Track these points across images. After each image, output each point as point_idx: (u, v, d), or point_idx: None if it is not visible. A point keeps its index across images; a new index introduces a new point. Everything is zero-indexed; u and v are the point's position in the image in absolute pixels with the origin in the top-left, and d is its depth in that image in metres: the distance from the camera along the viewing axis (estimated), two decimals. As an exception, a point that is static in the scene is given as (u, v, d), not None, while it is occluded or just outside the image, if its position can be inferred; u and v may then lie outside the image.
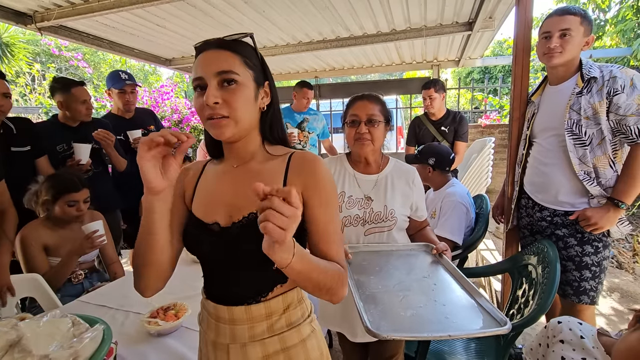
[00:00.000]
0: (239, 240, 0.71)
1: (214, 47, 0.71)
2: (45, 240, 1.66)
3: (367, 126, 1.25)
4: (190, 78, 0.72)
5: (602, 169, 1.42)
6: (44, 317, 0.90)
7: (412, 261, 1.23)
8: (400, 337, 0.82)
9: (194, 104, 0.72)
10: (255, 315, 0.74)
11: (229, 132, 0.70)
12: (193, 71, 0.72)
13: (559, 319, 1.00)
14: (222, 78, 0.69)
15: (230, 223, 0.73)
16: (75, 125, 2.14)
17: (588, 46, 1.48)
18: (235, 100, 0.69)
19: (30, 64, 7.63)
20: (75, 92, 2.05)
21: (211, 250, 0.75)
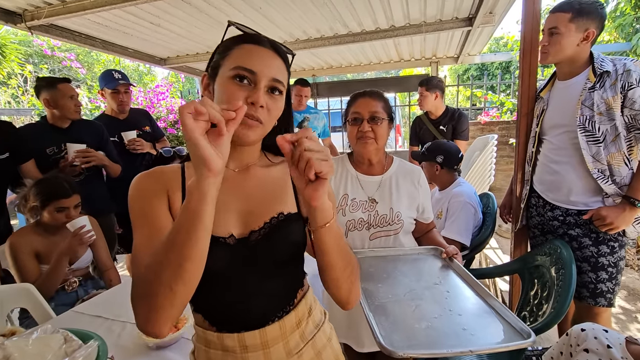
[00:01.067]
0: (265, 248, 0.67)
1: (271, 49, 0.68)
2: (36, 247, 1.59)
3: (370, 124, 1.19)
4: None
5: (617, 166, 1.37)
6: (33, 334, 0.84)
7: (421, 266, 1.17)
8: (418, 354, 0.76)
9: (226, 92, 0.63)
10: (288, 327, 0.70)
11: (255, 137, 0.66)
12: (239, 58, 0.64)
13: (581, 326, 0.95)
14: (273, 85, 0.66)
15: (247, 232, 0.67)
16: (65, 126, 2.06)
17: (588, 40, 1.42)
18: (275, 109, 0.67)
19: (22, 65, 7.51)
20: (62, 87, 1.97)
21: (227, 267, 0.65)
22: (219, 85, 0.65)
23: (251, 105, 0.63)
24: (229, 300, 0.68)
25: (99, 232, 1.82)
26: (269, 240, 0.67)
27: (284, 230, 0.69)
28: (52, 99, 1.96)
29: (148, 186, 0.65)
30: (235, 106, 0.52)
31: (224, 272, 0.66)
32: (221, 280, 0.67)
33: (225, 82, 0.64)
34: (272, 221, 0.68)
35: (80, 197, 1.67)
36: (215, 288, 0.67)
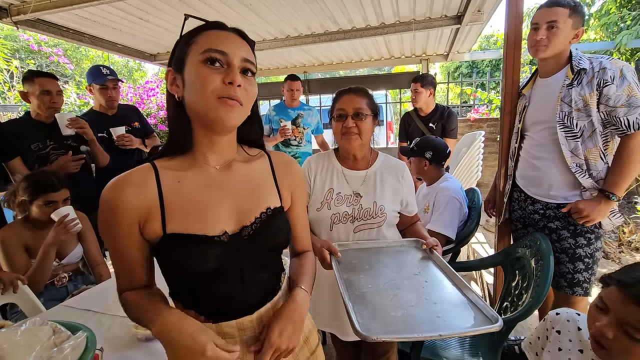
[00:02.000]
0: (257, 242, 0.71)
1: (235, 33, 0.68)
2: (26, 241, 1.59)
3: (354, 120, 1.22)
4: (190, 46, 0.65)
5: (593, 161, 1.43)
6: (22, 326, 0.85)
7: (403, 258, 1.20)
8: (390, 338, 0.80)
9: (200, 77, 0.62)
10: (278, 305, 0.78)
11: (237, 119, 0.66)
12: (208, 42, 0.64)
13: (557, 310, 1.00)
14: (246, 66, 0.66)
15: (238, 228, 0.70)
16: (49, 121, 2.04)
17: (577, 39, 1.47)
18: (252, 91, 0.68)
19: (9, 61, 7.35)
20: (38, 81, 1.94)
21: (223, 263, 0.67)
22: (190, 73, 0.64)
23: (229, 86, 0.62)
24: (226, 293, 0.70)
25: (89, 227, 1.82)
26: (261, 233, 0.72)
27: (273, 224, 0.74)
28: (27, 92, 1.95)
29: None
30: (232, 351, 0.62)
31: (220, 268, 0.68)
32: (218, 276, 0.68)
33: (197, 68, 0.63)
34: (262, 216, 0.73)
35: (69, 192, 1.67)
36: (213, 284, 0.69)
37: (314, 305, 1.38)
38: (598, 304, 0.84)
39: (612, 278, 0.83)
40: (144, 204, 0.65)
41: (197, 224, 0.66)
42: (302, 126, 3.19)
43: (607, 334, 0.78)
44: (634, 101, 1.32)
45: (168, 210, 0.66)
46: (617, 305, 0.79)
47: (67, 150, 2.07)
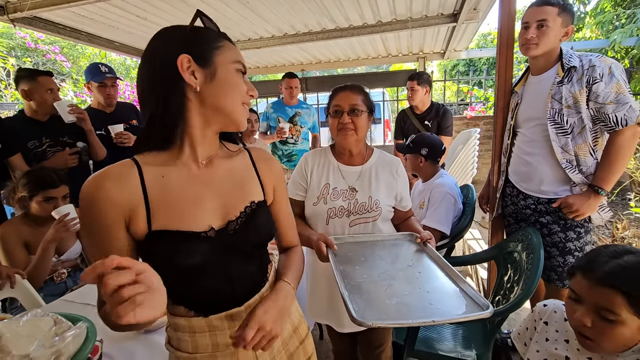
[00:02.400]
0: (243, 236, 0.73)
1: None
2: (25, 237, 1.61)
3: (350, 116, 1.25)
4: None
5: (583, 157, 1.46)
6: (24, 317, 0.87)
7: (397, 250, 1.23)
8: (385, 324, 0.82)
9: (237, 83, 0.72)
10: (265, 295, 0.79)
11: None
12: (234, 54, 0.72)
13: (545, 302, 1.02)
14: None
15: (224, 223, 0.72)
16: (45, 119, 2.05)
17: (567, 37, 1.50)
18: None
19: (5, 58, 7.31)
20: (42, 80, 1.97)
21: (209, 258, 0.68)
22: (225, 74, 0.69)
23: (249, 97, 0.74)
24: (214, 287, 0.71)
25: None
26: (246, 227, 0.74)
27: (257, 217, 0.77)
28: (30, 90, 1.96)
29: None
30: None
31: (207, 263, 0.68)
32: (205, 271, 0.69)
33: (233, 74, 0.71)
34: (247, 210, 0.75)
35: (68, 188, 1.69)
36: (201, 279, 0.70)
37: (310, 297, 1.41)
38: (571, 295, 0.86)
39: (575, 267, 0.86)
40: (127, 199, 0.63)
41: (183, 220, 0.66)
42: (300, 124, 3.21)
43: (585, 323, 0.80)
44: (622, 98, 1.35)
45: (153, 207, 0.65)
46: (586, 292, 0.81)
47: (64, 146, 2.09)
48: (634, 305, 0.74)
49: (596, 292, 0.79)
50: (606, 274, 0.78)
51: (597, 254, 0.84)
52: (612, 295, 0.76)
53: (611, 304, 0.76)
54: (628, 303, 0.74)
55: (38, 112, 2.02)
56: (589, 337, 0.81)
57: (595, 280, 0.79)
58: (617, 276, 0.76)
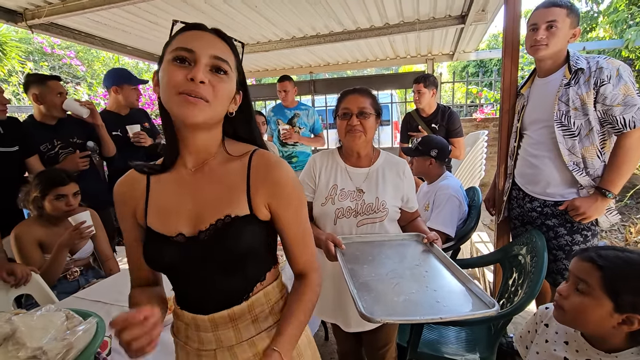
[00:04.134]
0: (211, 248, 0.69)
1: (213, 33, 0.68)
2: (40, 237, 1.67)
3: (359, 118, 1.27)
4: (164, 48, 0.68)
5: (590, 159, 1.44)
6: (37, 311, 0.91)
7: (404, 250, 1.25)
8: (394, 320, 0.84)
9: (166, 74, 0.64)
10: (238, 316, 0.73)
11: (201, 116, 0.64)
12: (175, 41, 0.65)
13: (547, 305, 1.02)
14: (216, 64, 0.65)
15: (196, 232, 0.70)
16: (53, 123, 2.12)
17: (575, 38, 1.49)
18: (222, 89, 0.66)
19: (23, 63, 7.56)
20: (51, 84, 2.04)
21: (180, 262, 0.71)
22: (161, 72, 0.65)
23: (190, 82, 0.62)
24: (189, 288, 0.74)
25: (100, 224, 1.90)
26: (217, 241, 0.69)
27: (232, 233, 0.69)
28: (40, 95, 2.02)
29: None
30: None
31: (180, 266, 0.72)
32: (179, 273, 0.74)
33: (165, 66, 0.64)
34: (218, 223, 0.69)
35: (78, 186, 1.74)
36: (174, 280, 0.76)
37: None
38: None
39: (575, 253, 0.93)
40: (135, 199, 0.75)
41: (161, 223, 0.72)
42: (298, 126, 3.24)
43: (561, 292, 0.88)
44: (630, 100, 1.34)
45: (149, 206, 0.74)
46: (572, 266, 0.89)
47: (75, 148, 2.16)
48: (607, 285, 0.79)
49: (578, 265, 0.86)
50: (593, 252, 0.85)
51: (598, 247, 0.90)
52: (589, 268, 0.83)
53: (586, 275, 0.83)
54: (602, 280, 0.80)
55: (48, 116, 2.09)
56: (561, 307, 0.87)
57: (582, 257, 0.86)
58: (600, 255, 0.83)
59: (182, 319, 0.76)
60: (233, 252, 0.69)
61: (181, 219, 0.71)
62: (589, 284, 0.81)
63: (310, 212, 1.38)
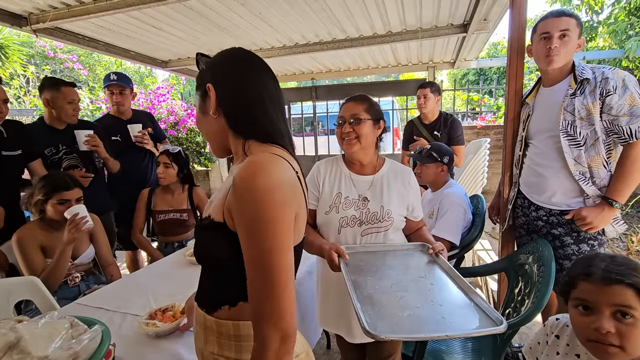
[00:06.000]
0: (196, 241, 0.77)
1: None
2: (41, 241, 1.65)
3: (351, 125, 1.27)
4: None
5: (597, 169, 1.44)
6: (42, 319, 0.90)
7: (409, 261, 1.23)
8: (398, 338, 0.83)
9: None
10: (208, 326, 0.73)
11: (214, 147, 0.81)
12: None
13: (557, 316, 1.01)
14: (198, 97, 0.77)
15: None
16: (62, 127, 2.12)
17: (580, 48, 1.51)
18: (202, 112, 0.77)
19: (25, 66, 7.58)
20: (64, 90, 2.04)
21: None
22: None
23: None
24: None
25: (101, 229, 1.88)
26: (198, 237, 0.76)
27: (202, 234, 0.73)
28: (52, 99, 2.03)
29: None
30: None
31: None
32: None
33: None
34: (203, 221, 0.73)
35: (82, 192, 1.73)
36: None
37: (321, 305, 1.41)
38: (577, 306, 0.82)
39: (572, 277, 0.84)
40: None
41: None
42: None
43: (609, 329, 0.75)
44: (636, 110, 1.34)
45: None
46: (597, 295, 0.78)
47: (80, 155, 2.16)
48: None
49: (607, 291, 0.76)
50: (606, 271, 0.77)
51: (589, 259, 0.83)
52: (623, 290, 0.75)
53: (626, 299, 0.74)
54: (637, 296, 0.74)
55: (57, 120, 2.09)
56: (614, 344, 0.76)
57: (601, 280, 0.77)
58: (619, 271, 0.76)
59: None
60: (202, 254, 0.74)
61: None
62: (633, 307, 0.74)
63: (314, 221, 1.37)
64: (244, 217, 0.60)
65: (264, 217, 0.58)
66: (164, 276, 1.69)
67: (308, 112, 5.63)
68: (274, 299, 0.58)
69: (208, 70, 0.74)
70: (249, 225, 0.59)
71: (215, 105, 0.70)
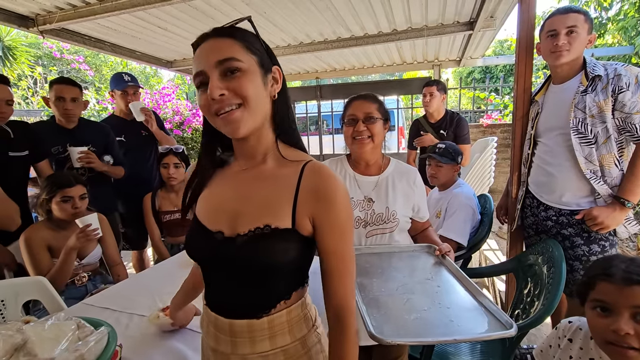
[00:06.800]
0: (242, 254, 0.66)
1: (214, 35, 0.65)
2: (49, 241, 1.66)
3: (366, 124, 1.25)
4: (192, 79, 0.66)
5: (608, 167, 1.42)
6: (48, 321, 0.90)
7: (415, 263, 1.22)
8: (405, 342, 0.81)
9: (199, 103, 0.65)
10: (256, 330, 0.70)
11: (245, 126, 0.64)
12: (193, 68, 0.65)
13: (570, 319, 0.99)
14: (224, 67, 0.62)
15: (235, 234, 0.67)
16: (71, 126, 2.13)
17: (591, 44, 1.48)
18: (243, 87, 0.62)
19: (32, 67, 7.67)
20: (55, 88, 2.02)
21: (213, 259, 0.71)
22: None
23: (212, 102, 0.62)
24: (216, 287, 0.74)
25: (108, 229, 1.89)
26: (251, 249, 0.66)
27: (267, 245, 0.66)
28: (49, 98, 2.05)
29: None
30: None
31: (210, 263, 0.72)
32: (209, 269, 0.74)
33: (197, 96, 0.66)
34: (257, 231, 0.66)
35: (85, 189, 1.74)
36: (205, 273, 0.76)
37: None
38: (595, 307, 0.80)
39: (592, 277, 0.82)
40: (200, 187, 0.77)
41: (206, 215, 0.73)
42: None
43: (628, 331, 0.73)
44: (650, 108, 1.31)
45: (201, 197, 0.76)
46: (616, 297, 0.76)
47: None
48: None
49: (627, 292, 0.75)
50: (627, 272, 0.75)
51: (608, 260, 0.82)
52: None
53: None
54: None
55: (63, 120, 2.10)
56: (634, 347, 0.74)
57: (622, 281, 0.76)
58: (638, 271, 0.74)
59: (206, 314, 0.76)
60: (262, 265, 0.66)
61: (223, 216, 0.70)
62: None
63: None
64: (339, 220, 0.67)
65: (350, 215, 0.70)
66: (169, 276, 1.68)
67: (312, 111, 5.62)
68: (352, 288, 0.71)
69: (267, 51, 0.70)
70: (343, 226, 0.68)
71: (278, 91, 0.70)
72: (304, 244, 0.68)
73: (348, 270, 0.70)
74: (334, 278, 0.69)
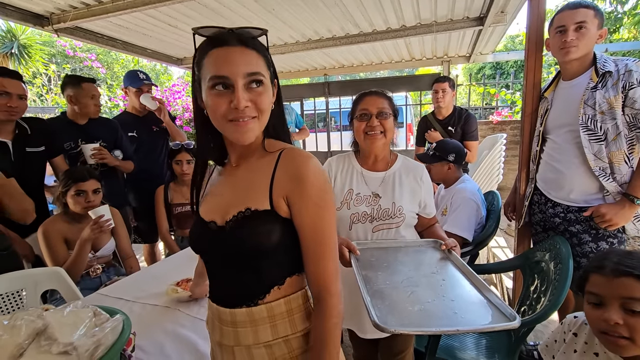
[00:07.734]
0: (231, 239, 0.71)
1: (239, 44, 0.67)
2: (65, 233, 1.72)
3: (379, 119, 1.26)
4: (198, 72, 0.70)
5: (618, 164, 1.40)
6: (67, 308, 0.94)
7: (421, 257, 1.23)
8: (408, 331, 0.82)
9: (212, 102, 0.67)
10: (257, 318, 0.72)
11: (254, 136, 0.70)
12: (212, 68, 0.66)
13: (575, 314, 1.00)
14: (250, 80, 0.67)
15: (224, 222, 0.72)
16: (83, 122, 2.19)
17: (601, 39, 1.46)
18: (262, 102, 0.68)
19: (47, 65, 7.83)
20: (85, 86, 2.11)
21: (210, 249, 0.77)
22: (206, 99, 0.69)
23: (236, 110, 0.66)
24: (216, 278, 0.80)
25: (121, 222, 1.94)
26: (236, 233, 0.70)
27: (249, 227, 0.70)
28: (75, 96, 2.10)
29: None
30: None
31: (208, 254, 0.79)
32: (208, 260, 0.80)
33: (208, 94, 0.67)
34: (239, 215, 0.70)
35: (99, 184, 1.79)
36: (207, 265, 0.81)
37: None
38: (590, 300, 0.84)
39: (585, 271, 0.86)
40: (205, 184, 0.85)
41: (204, 209, 0.79)
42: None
43: (617, 320, 0.77)
44: (661, 104, 1.30)
45: (202, 195, 0.83)
46: (605, 288, 0.80)
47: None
48: None
49: (615, 284, 0.79)
50: (617, 264, 0.79)
51: (604, 254, 0.85)
52: (631, 282, 0.76)
53: (634, 292, 0.76)
54: None
55: (79, 116, 2.16)
56: (624, 336, 0.77)
57: (611, 273, 0.79)
58: (630, 264, 0.77)
59: (211, 309, 0.80)
60: (246, 246, 0.70)
61: (217, 208, 0.76)
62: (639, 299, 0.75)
63: None
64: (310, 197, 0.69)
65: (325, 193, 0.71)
66: (180, 268, 1.73)
67: (321, 108, 5.63)
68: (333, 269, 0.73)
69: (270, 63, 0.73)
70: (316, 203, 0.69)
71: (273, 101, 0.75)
72: (287, 227, 0.71)
73: (327, 251, 0.71)
74: (310, 258, 0.71)
